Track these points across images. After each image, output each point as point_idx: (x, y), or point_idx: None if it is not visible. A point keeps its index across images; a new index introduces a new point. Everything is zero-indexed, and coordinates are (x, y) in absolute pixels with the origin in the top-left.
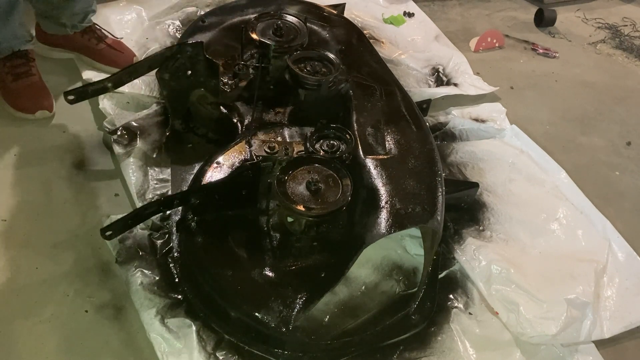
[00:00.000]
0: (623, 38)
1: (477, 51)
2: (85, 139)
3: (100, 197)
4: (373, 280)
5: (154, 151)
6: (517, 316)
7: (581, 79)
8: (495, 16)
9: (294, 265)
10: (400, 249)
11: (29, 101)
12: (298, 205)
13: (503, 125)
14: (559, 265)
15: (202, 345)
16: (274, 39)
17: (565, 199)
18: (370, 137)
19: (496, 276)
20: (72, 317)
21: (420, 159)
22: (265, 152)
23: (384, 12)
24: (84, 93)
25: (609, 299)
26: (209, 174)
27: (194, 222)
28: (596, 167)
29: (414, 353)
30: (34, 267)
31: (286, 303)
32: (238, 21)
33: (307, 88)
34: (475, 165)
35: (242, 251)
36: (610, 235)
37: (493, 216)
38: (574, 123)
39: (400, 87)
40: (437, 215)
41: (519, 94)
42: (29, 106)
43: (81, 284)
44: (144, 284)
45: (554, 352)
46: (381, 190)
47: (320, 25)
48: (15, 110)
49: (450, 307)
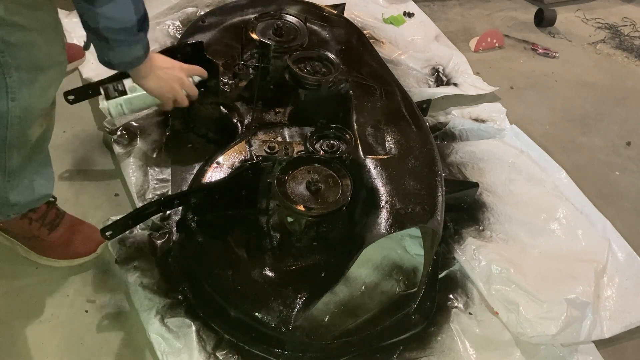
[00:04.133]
0: (623, 38)
1: (477, 51)
2: (85, 139)
3: (100, 197)
4: (373, 280)
5: (154, 151)
6: (517, 316)
7: (581, 79)
8: (495, 16)
9: (294, 265)
10: (400, 249)
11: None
12: (298, 205)
13: (503, 125)
14: (559, 265)
15: (202, 345)
16: (274, 39)
17: (565, 199)
18: (370, 137)
19: (496, 276)
20: (72, 317)
21: (420, 159)
22: (265, 152)
23: (384, 12)
24: (84, 93)
25: (609, 299)
26: (209, 174)
27: (194, 222)
28: (596, 167)
29: (414, 353)
30: (34, 267)
31: (286, 303)
32: (238, 21)
33: (307, 88)
34: (475, 165)
35: (242, 251)
36: (610, 235)
37: (493, 216)
38: (574, 123)
39: (400, 87)
40: (437, 215)
41: (519, 94)
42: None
43: (81, 284)
44: (144, 284)
45: (554, 352)
46: (381, 190)
47: (320, 25)
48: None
49: (450, 307)
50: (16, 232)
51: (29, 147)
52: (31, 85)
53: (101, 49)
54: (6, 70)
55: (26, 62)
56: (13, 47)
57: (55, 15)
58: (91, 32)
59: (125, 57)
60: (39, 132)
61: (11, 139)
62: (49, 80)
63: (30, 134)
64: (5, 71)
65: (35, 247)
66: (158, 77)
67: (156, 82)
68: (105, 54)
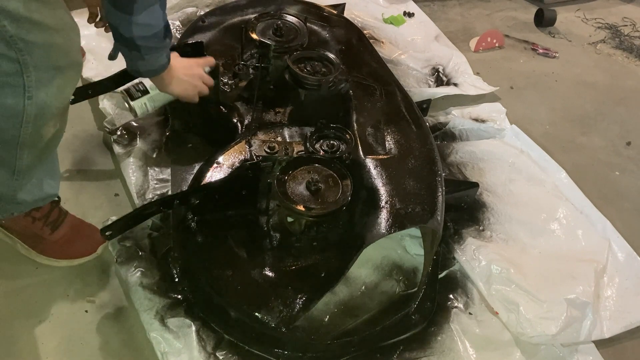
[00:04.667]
0: (623, 38)
1: (477, 51)
2: (85, 139)
3: (100, 197)
4: (373, 280)
5: (154, 151)
6: (517, 316)
7: (581, 79)
8: (495, 16)
9: (294, 265)
10: (400, 249)
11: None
12: (298, 205)
13: (503, 125)
14: (559, 265)
15: (202, 345)
16: (274, 39)
17: (565, 199)
18: (370, 137)
19: (496, 276)
20: (72, 317)
21: (420, 159)
22: (265, 152)
23: (384, 12)
24: (84, 93)
25: (609, 299)
26: (209, 174)
27: (194, 222)
28: (596, 167)
29: (414, 353)
30: (34, 267)
31: (286, 303)
32: (238, 21)
33: (307, 88)
34: (475, 165)
35: (242, 251)
36: (610, 235)
37: (493, 216)
38: (574, 123)
39: (400, 87)
40: (437, 215)
41: (519, 94)
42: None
43: (81, 284)
44: (144, 284)
45: (554, 352)
46: (381, 190)
47: (320, 25)
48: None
49: (450, 307)
50: (18, 230)
51: (40, 147)
52: (49, 85)
53: (132, 58)
54: (25, 69)
55: (45, 61)
56: (32, 46)
57: (70, 15)
58: (124, 42)
59: (153, 65)
60: (52, 132)
61: (24, 138)
62: (66, 80)
63: (44, 133)
64: (23, 70)
65: (36, 245)
66: (181, 81)
67: (181, 86)
68: (135, 63)
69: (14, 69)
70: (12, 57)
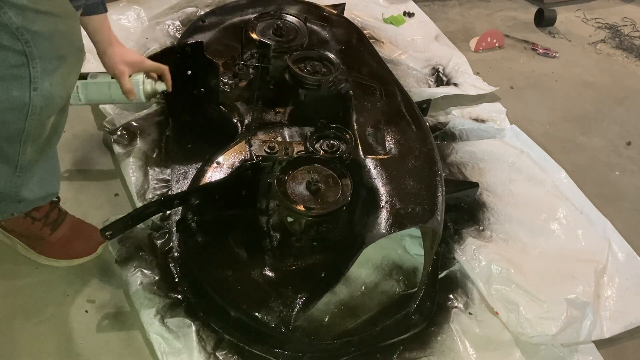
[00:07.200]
0: (623, 38)
1: (477, 51)
2: (85, 139)
3: (100, 197)
4: (373, 280)
5: (154, 151)
6: (517, 316)
7: (581, 79)
8: (495, 16)
9: (294, 265)
10: (400, 249)
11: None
12: (298, 205)
13: (503, 125)
14: (559, 265)
15: (202, 345)
16: (274, 39)
17: (565, 199)
18: (370, 137)
19: (496, 276)
20: (72, 317)
21: (420, 159)
22: (265, 152)
23: (384, 12)
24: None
25: (609, 299)
26: (209, 174)
27: (194, 222)
28: (596, 167)
29: (414, 353)
30: (34, 267)
31: (286, 303)
32: (238, 21)
33: (307, 88)
34: (475, 165)
35: (242, 251)
36: (610, 235)
37: (493, 216)
38: (574, 123)
39: (400, 87)
40: (437, 215)
41: (519, 94)
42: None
43: (81, 284)
44: (144, 284)
45: (554, 352)
46: (381, 190)
47: (320, 25)
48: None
49: (450, 307)
50: (18, 231)
51: (42, 142)
52: (53, 74)
53: None
54: (31, 61)
55: (50, 51)
56: (38, 37)
57: (69, 1)
58: None
59: None
60: (54, 123)
61: (29, 130)
62: (70, 68)
63: (47, 124)
64: (30, 61)
65: (36, 246)
66: (110, 58)
67: (108, 62)
68: None
69: (20, 61)
70: (18, 49)
